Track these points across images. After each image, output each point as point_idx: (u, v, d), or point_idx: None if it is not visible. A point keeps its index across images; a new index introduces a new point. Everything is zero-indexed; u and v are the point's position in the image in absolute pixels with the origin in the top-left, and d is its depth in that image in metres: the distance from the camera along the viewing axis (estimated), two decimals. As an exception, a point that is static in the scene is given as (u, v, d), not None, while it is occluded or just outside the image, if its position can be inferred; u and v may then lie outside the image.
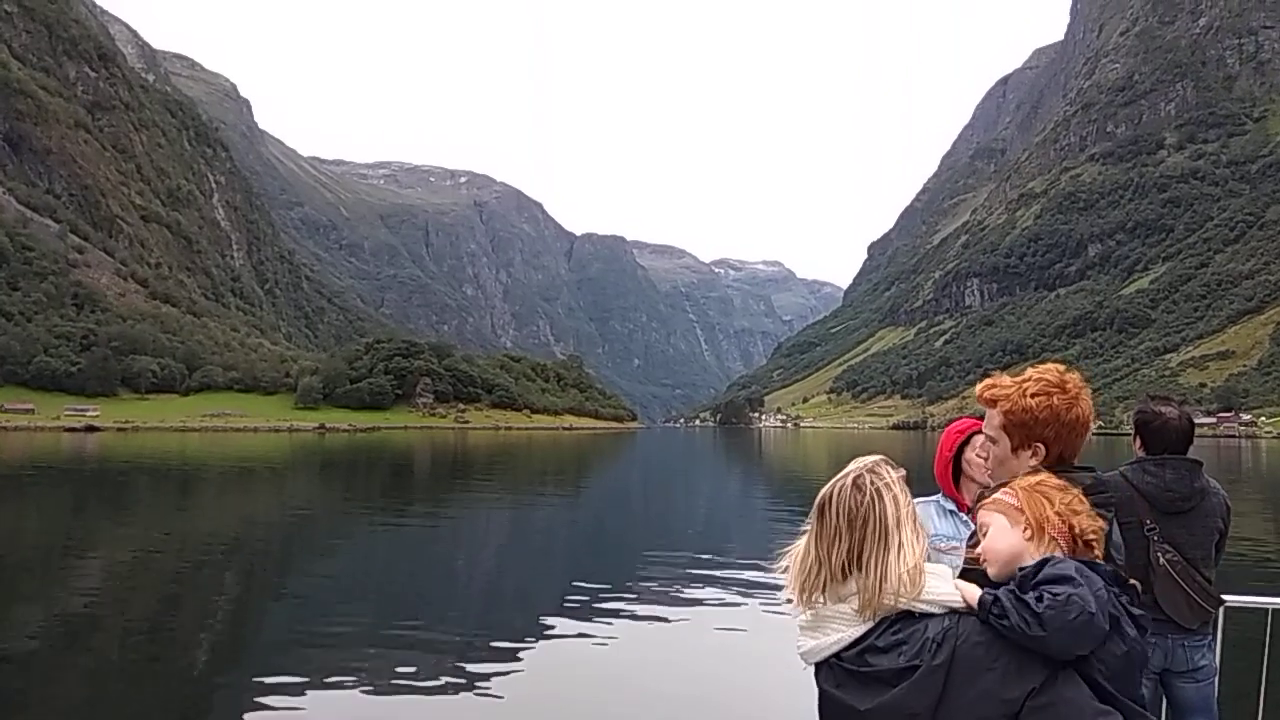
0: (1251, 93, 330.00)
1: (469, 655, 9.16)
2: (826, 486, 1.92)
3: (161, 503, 27.43)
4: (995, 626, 1.74)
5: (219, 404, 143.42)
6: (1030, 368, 2.39)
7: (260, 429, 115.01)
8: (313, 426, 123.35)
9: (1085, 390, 2.29)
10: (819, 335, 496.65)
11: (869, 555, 1.83)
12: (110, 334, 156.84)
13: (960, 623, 1.79)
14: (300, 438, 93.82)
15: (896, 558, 1.82)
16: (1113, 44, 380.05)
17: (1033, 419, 2.25)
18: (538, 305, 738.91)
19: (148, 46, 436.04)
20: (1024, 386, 2.28)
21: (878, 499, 1.87)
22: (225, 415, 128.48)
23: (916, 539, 1.86)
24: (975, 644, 1.75)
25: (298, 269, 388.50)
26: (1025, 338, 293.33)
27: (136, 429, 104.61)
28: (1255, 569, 13.63)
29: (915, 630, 1.79)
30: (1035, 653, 1.73)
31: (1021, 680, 1.71)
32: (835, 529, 1.87)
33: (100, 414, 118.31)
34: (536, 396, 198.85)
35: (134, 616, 11.30)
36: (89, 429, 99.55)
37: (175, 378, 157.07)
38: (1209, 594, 3.82)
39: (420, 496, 31.58)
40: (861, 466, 1.93)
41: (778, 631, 1.76)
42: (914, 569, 1.82)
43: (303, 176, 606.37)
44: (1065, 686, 1.73)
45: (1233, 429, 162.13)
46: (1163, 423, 3.98)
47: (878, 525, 1.84)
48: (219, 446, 66.50)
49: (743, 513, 27.95)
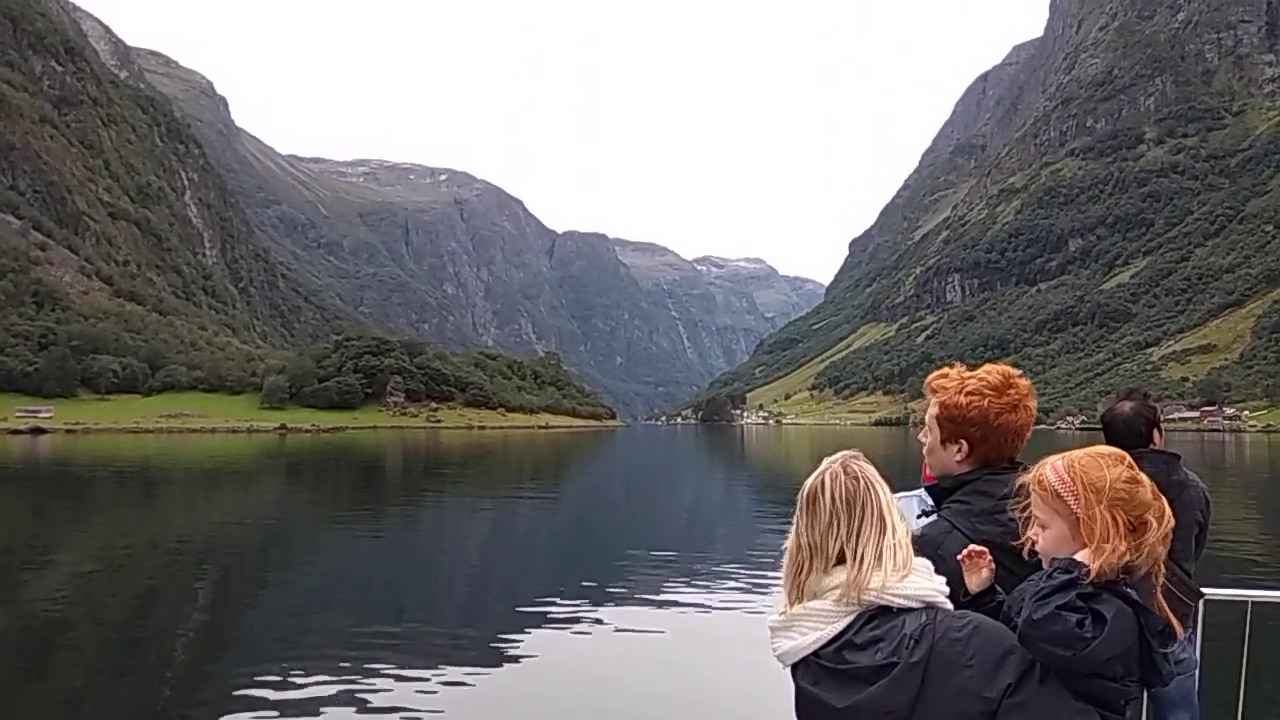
0: (1230, 87, 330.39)
1: (450, 657, 9.01)
2: (812, 478, 1.92)
3: (82, 512, 24.75)
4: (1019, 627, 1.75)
5: (182, 404, 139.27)
6: (991, 364, 2.42)
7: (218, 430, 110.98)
8: (273, 427, 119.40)
9: (1029, 399, 2.30)
10: (801, 332, 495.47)
11: (866, 539, 1.84)
12: (70, 333, 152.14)
13: (938, 618, 1.78)
14: (260, 439, 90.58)
15: (892, 541, 1.84)
16: (1092, 39, 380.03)
17: (961, 416, 2.28)
18: (519, 303, 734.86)
19: (121, 43, 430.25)
20: (964, 383, 2.31)
21: (872, 485, 1.89)
22: (183, 416, 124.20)
23: (905, 526, 1.89)
24: (952, 640, 1.74)
25: (273, 267, 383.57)
26: (1007, 333, 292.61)
27: (87, 430, 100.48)
28: (1236, 562, 13.63)
29: (893, 626, 1.78)
30: (1012, 651, 1.73)
31: (998, 677, 1.70)
32: (832, 513, 1.87)
33: (54, 415, 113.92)
34: (512, 395, 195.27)
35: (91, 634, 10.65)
36: (35, 431, 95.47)
37: (137, 378, 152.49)
38: (1188, 587, 3.82)
39: (391, 501, 29.79)
40: (844, 456, 1.94)
41: (759, 628, 1.69)
42: (907, 553, 1.85)
43: (280, 174, 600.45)
44: (1042, 684, 1.72)
45: (1217, 423, 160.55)
46: (1112, 417, 3.99)
47: (875, 508, 1.86)
48: (172, 449, 63.71)
49: (724, 511, 27.15)
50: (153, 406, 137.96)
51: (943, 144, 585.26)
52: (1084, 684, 1.72)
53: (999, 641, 1.75)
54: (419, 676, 8.25)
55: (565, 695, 8.12)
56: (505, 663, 8.92)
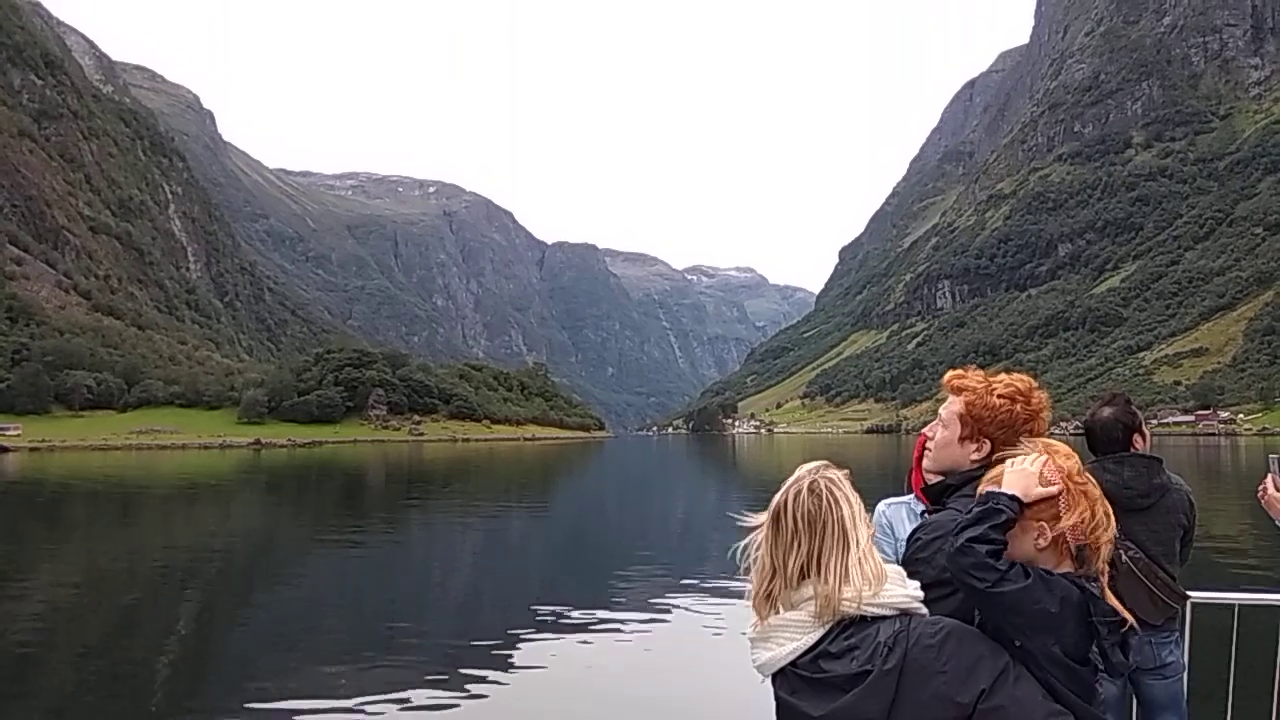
0: (1217, 90, 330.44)
1: (442, 673, 8.97)
2: (779, 494, 1.93)
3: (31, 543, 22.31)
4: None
5: (158, 420, 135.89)
6: (1004, 372, 2.45)
7: (189, 446, 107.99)
8: (247, 442, 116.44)
9: (1046, 410, 2.36)
10: (792, 340, 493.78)
11: (829, 558, 1.84)
12: (45, 348, 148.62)
13: (912, 625, 1.79)
14: (234, 455, 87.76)
15: (857, 556, 1.83)
16: (1078, 44, 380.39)
17: (991, 416, 2.31)
18: (509, 315, 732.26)
19: (106, 57, 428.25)
20: (992, 385, 2.35)
21: (834, 503, 1.88)
22: (154, 432, 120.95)
23: (871, 536, 1.89)
24: (926, 647, 1.75)
25: (260, 281, 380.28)
26: (998, 339, 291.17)
27: (53, 448, 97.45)
28: (1225, 565, 13.61)
29: (867, 635, 1.79)
30: (985, 655, 1.76)
31: (972, 682, 1.72)
32: (793, 534, 1.88)
33: (22, 432, 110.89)
34: (498, 406, 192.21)
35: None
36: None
37: (113, 393, 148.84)
38: (1173, 590, 3.83)
39: (374, 516, 28.80)
40: (811, 471, 1.94)
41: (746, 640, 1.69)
42: (876, 565, 1.84)
43: (268, 188, 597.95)
44: (1016, 687, 1.73)
45: (1212, 427, 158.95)
46: (1091, 422, 4.00)
47: (836, 527, 1.86)
48: (137, 467, 60.81)
49: (715, 522, 25.69)
50: (127, 423, 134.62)
51: (931, 151, 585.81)
52: (1042, 647, 1.76)
53: (972, 647, 1.76)
54: (410, 694, 8.16)
55: (559, 707, 8.10)
56: (498, 676, 8.84)
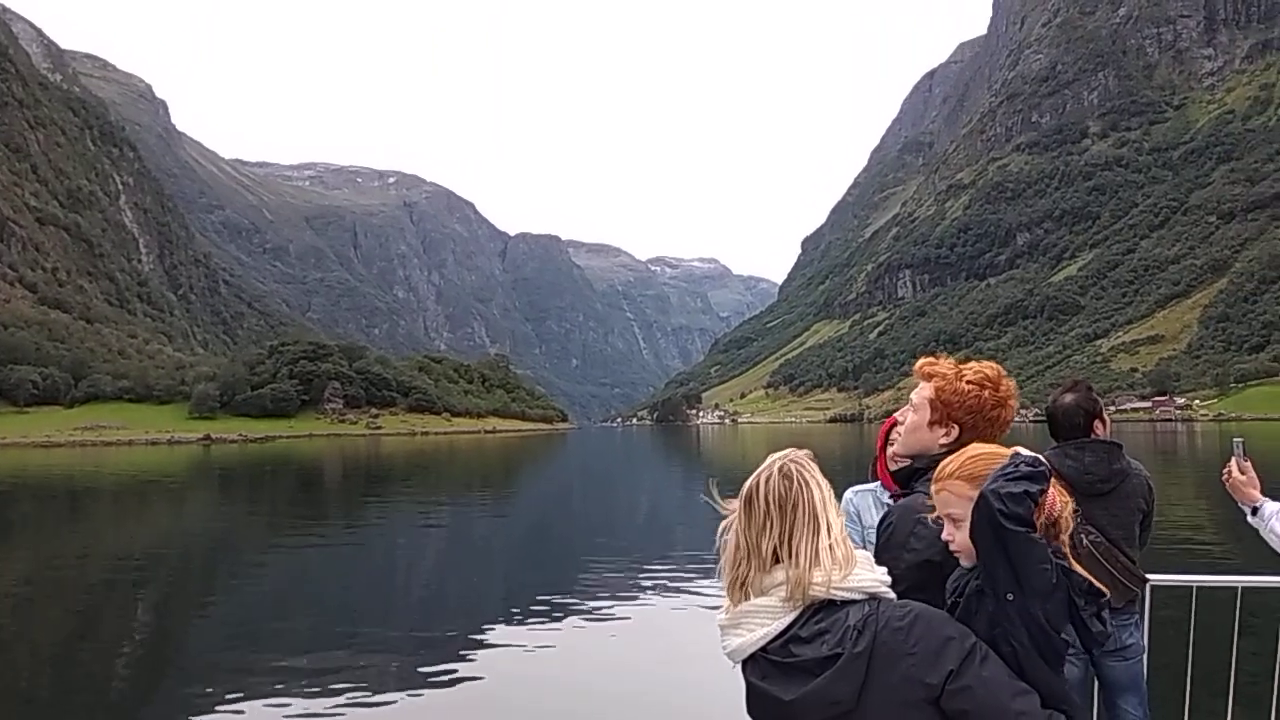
0: (1171, 81, 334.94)
1: (407, 668, 8.86)
2: (751, 478, 1.95)
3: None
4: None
5: (106, 416, 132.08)
6: (973, 360, 2.51)
7: (136, 442, 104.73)
8: (197, 438, 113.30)
9: (1014, 399, 2.42)
10: (755, 330, 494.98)
11: (799, 539, 1.86)
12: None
13: (880, 609, 1.81)
14: (183, 451, 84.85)
15: (828, 541, 1.85)
16: (1035, 35, 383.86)
17: (960, 402, 2.36)
18: (472, 306, 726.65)
19: (54, 45, 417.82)
20: (962, 371, 2.41)
21: (804, 485, 1.90)
22: (100, 428, 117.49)
23: (840, 521, 1.91)
24: (895, 630, 1.76)
25: (215, 273, 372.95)
26: (958, 327, 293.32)
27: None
28: (1182, 548, 13.67)
29: (837, 619, 1.80)
30: (953, 637, 1.78)
31: (940, 663, 1.74)
32: (765, 515, 1.89)
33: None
34: (458, 399, 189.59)
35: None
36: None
37: (59, 388, 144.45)
38: (1133, 573, 3.89)
39: (332, 512, 28.25)
40: (783, 456, 1.96)
41: (716, 626, 1.69)
42: (846, 549, 1.87)
43: (223, 179, 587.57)
44: (984, 667, 1.75)
45: (1169, 413, 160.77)
46: (1053, 409, 4.10)
47: (807, 509, 1.88)
48: (86, 465, 58.03)
49: (680, 515, 25.29)
50: (74, 418, 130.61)
51: (891, 142, 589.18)
52: (1028, 608, 1.78)
53: (940, 629, 1.78)
54: (376, 690, 8.07)
55: (526, 700, 8.04)
56: (462, 671, 8.68)
